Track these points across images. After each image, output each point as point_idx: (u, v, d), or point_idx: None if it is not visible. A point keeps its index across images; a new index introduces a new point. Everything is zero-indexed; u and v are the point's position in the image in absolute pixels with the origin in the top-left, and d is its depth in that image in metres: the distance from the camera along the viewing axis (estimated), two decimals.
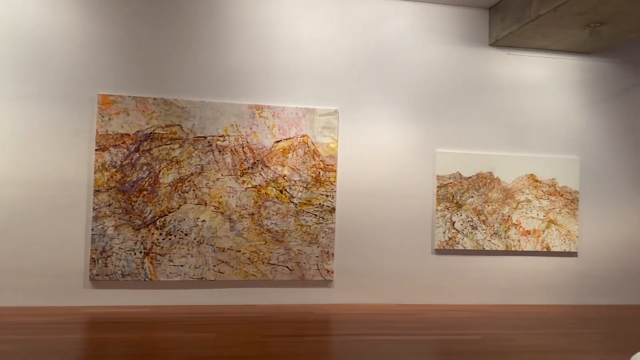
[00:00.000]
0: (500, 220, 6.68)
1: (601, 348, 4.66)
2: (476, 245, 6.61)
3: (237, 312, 5.63)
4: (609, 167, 7.11)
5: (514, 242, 6.69)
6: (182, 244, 5.89)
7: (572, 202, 6.87)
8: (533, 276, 6.78)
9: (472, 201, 6.64)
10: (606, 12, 5.66)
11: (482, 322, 5.57)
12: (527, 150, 6.87)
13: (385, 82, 6.56)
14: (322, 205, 6.21)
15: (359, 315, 5.71)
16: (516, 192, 6.75)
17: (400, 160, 6.56)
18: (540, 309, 6.47)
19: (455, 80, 6.74)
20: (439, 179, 6.58)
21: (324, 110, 6.29)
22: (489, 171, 6.70)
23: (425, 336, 4.90)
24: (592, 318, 6.05)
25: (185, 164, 5.94)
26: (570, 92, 7.05)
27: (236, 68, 6.20)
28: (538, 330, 5.28)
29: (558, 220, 6.82)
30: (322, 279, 6.20)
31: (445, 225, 6.55)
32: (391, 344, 4.57)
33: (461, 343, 4.66)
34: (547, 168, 6.84)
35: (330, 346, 4.59)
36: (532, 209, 6.77)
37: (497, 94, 6.84)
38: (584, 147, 7.04)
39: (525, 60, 6.93)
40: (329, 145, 6.26)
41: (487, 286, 6.66)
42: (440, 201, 6.56)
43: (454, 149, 6.68)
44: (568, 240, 6.84)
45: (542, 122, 6.94)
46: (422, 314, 5.91)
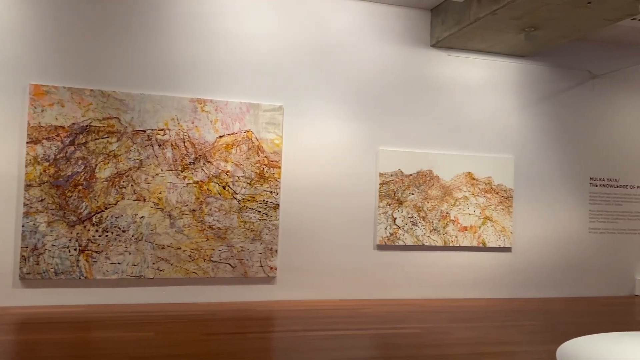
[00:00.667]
0: (439, 217, 6.87)
1: (532, 339, 4.88)
2: (416, 241, 6.77)
3: (177, 311, 5.52)
4: (542, 166, 7.45)
5: (452, 237, 6.90)
6: (120, 240, 5.71)
7: (506, 200, 7.15)
8: (470, 271, 7.01)
9: (412, 198, 6.79)
10: (540, 18, 5.92)
11: (421, 316, 5.71)
12: (465, 149, 7.09)
13: (329, 80, 6.59)
14: (266, 201, 6.18)
15: (302, 312, 5.72)
16: (454, 190, 6.96)
17: (344, 158, 6.61)
18: (476, 302, 6.71)
19: (398, 80, 6.87)
20: (381, 176, 6.69)
21: (268, 106, 6.25)
22: (429, 169, 6.87)
23: (365, 331, 4.98)
24: (524, 311, 6.32)
25: (123, 158, 5.75)
26: (506, 93, 7.33)
27: (178, 60, 6.06)
28: (473, 323, 5.47)
29: (493, 217, 7.09)
30: (265, 276, 6.17)
31: (386, 222, 6.67)
32: (332, 339, 4.61)
33: (400, 337, 4.76)
34: (483, 166, 7.09)
35: (271, 343, 4.58)
36: (469, 206, 7.00)
37: (437, 94, 7.02)
38: (519, 147, 7.35)
39: (465, 62, 7.14)
40: (273, 141, 6.23)
41: (426, 281, 6.83)
42: (383, 198, 6.67)
43: (396, 147, 6.80)
44: (503, 236, 7.12)
45: (479, 122, 7.18)
46: (364, 308, 5.99)
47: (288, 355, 4.13)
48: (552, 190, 7.49)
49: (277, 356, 4.21)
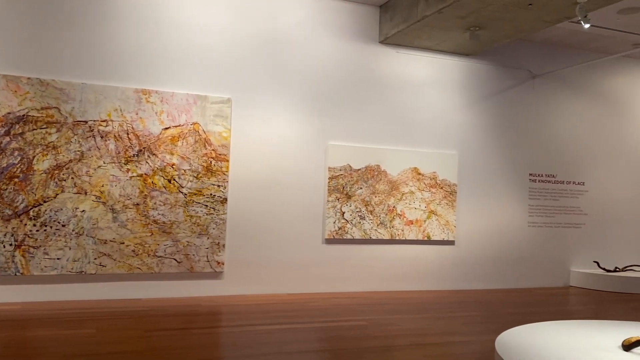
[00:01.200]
0: (386, 211, 6.98)
1: (474, 330, 5.04)
2: (364, 235, 6.85)
3: (120, 307, 5.37)
4: (484, 162, 7.69)
5: (398, 231, 7.03)
6: (59, 235, 5.49)
7: (450, 194, 7.35)
8: (415, 263, 7.17)
9: (361, 192, 6.86)
10: (485, 18, 6.09)
11: (368, 309, 5.79)
12: (411, 144, 7.23)
13: (279, 73, 6.56)
14: (214, 195, 6.09)
15: (249, 306, 5.68)
16: (401, 184, 7.08)
17: (293, 152, 6.60)
18: (421, 294, 6.86)
19: (347, 75, 6.91)
20: (330, 171, 6.73)
21: (216, 98, 6.15)
22: (377, 164, 6.97)
23: (313, 324, 5.00)
24: (466, 302, 6.52)
25: (63, 150, 5.53)
26: (451, 91, 7.51)
27: (122, 49, 5.87)
28: (417, 315, 5.59)
29: (438, 211, 7.27)
30: (212, 271, 6.09)
31: (335, 216, 6.71)
32: (279, 332, 4.61)
33: (347, 329, 4.81)
34: (429, 162, 7.25)
35: (217, 338, 4.52)
36: (415, 200, 7.14)
37: (386, 90, 7.12)
38: (463, 143, 7.55)
39: (412, 59, 7.27)
40: (221, 134, 6.15)
41: (373, 274, 6.93)
42: (331, 192, 6.71)
43: (345, 142, 6.85)
44: (447, 230, 7.31)
45: (425, 118, 7.33)
46: (312, 302, 6.01)
47: (234, 350, 4.09)
48: (494, 185, 7.75)
49: (223, 351, 4.16)
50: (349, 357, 3.96)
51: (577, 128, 8.38)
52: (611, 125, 8.65)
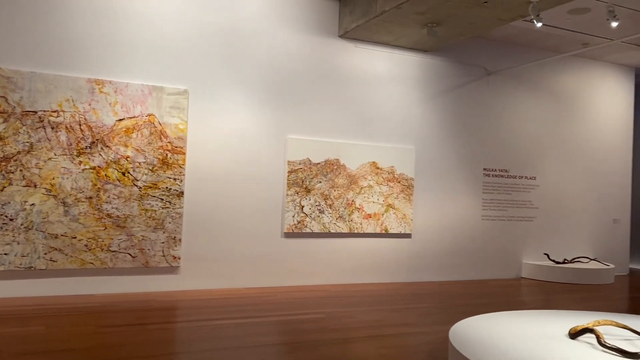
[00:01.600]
0: (345, 205, 7.02)
1: (428, 320, 5.14)
2: (323, 228, 6.87)
3: (72, 303, 5.21)
4: (440, 157, 7.84)
5: (356, 225, 7.08)
6: (7, 230, 5.28)
7: (408, 188, 7.45)
8: (373, 256, 7.25)
9: (320, 186, 6.87)
10: (442, 14, 6.19)
11: (326, 302, 5.82)
12: (370, 139, 7.29)
13: (238, 65, 6.48)
14: (170, 189, 5.98)
15: (206, 301, 5.62)
16: (360, 178, 7.14)
17: (252, 145, 6.55)
18: (379, 286, 6.95)
19: (306, 69, 6.90)
20: (290, 164, 6.71)
21: (172, 89, 6.03)
22: (336, 158, 6.99)
23: (271, 317, 4.99)
24: (422, 294, 6.64)
25: (10, 141, 5.31)
26: (409, 86, 7.61)
27: (74, 37, 5.67)
28: (375, 307, 5.66)
29: (395, 205, 7.36)
30: (168, 266, 5.99)
31: (294, 209, 6.71)
32: (237, 327, 4.58)
33: (305, 322, 4.82)
34: (387, 156, 7.33)
35: (173, 333, 4.45)
36: (374, 194, 7.21)
37: (344, 84, 7.14)
38: (420, 138, 7.67)
39: (371, 54, 7.32)
40: (177, 126, 6.03)
41: (332, 267, 6.97)
42: (291, 186, 6.70)
43: (304, 136, 6.84)
44: (404, 223, 7.42)
45: (384, 113, 7.40)
46: (270, 296, 6.00)
47: (190, 345, 4.04)
48: (449, 179, 7.90)
49: (178, 346, 4.10)
50: (305, 349, 3.97)
51: (529, 124, 8.63)
52: (561, 122, 8.96)
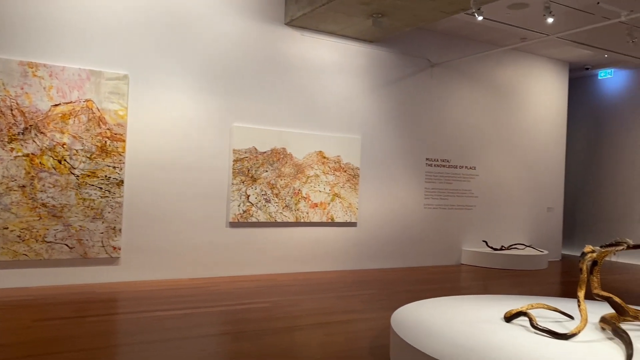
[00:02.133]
0: (291, 194, 7.01)
1: (372, 307, 5.23)
2: (269, 218, 6.85)
3: (4, 297, 4.96)
4: (385, 147, 7.95)
5: (303, 214, 7.10)
6: None
7: (353, 178, 7.53)
8: (319, 245, 7.29)
9: (266, 175, 6.83)
10: (387, 5, 6.25)
11: (272, 291, 5.81)
12: (317, 128, 7.30)
13: (182, 51, 6.32)
14: (109, 177, 5.78)
15: (148, 292, 5.49)
16: (306, 168, 7.14)
17: (196, 133, 6.42)
18: (325, 275, 7.00)
19: (252, 56, 6.81)
20: (235, 153, 6.63)
21: (112, 74, 5.81)
22: (283, 147, 6.97)
23: (215, 307, 4.93)
24: (367, 281, 6.75)
25: None
26: (355, 76, 7.66)
27: (5, 17, 5.35)
28: (321, 295, 5.70)
29: (342, 194, 7.43)
30: (107, 257, 5.80)
31: (240, 199, 6.64)
32: (179, 318, 4.50)
33: (250, 311, 4.80)
34: (333, 146, 7.37)
35: (113, 325, 4.32)
36: (320, 184, 7.24)
37: (291, 73, 7.10)
38: (365, 128, 7.75)
39: (317, 43, 7.31)
40: (117, 112, 5.83)
41: (278, 256, 6.96)
42: (236, 175, 6.62)
43: (250, 124, 6.77)
44: (349, 212, 7.50)
45: (330, 102, 7.43)
46: (215, 286, 5.93)
47: (130, 336, 3.94)
48: (394, 169, 8.04)
49: (119, 338, 3.99)
50: (250, 339, 3.96)
51: (470, 115, 8.89)
52: (500, 114, 9.27)
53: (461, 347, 3.06)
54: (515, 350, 3.03)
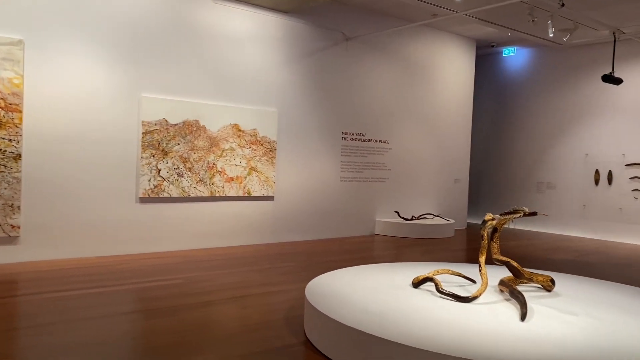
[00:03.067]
0: (205, 168, 6.85)
1: (289, 279, 5.28)
2: (182, 193, 6.66)
3: None
4: (302, 120, 7.95)
5: (218, 188, 6.97)
6: None
7: (270, 151, 7.48)
8: (236, 220, 7.22)
9: (178, 149, 6.62)
10: None
11: (185, 267, 5.70)
12: (232, 100, 7.14)
13: (85, 16, 5.89)
14: (4, 151, 5.34)
15: (51, 272, 5.19)
16: (221, 141, 6.99)
17: (101, 103, 6.06)
18: (242, 249, 6.96)
19: (163, 23, 6.50)
20: (145, 125, 6.35)
21: (5, 39, 5.33)
22: (196, 119, 6.76)
23: (126, 286, 4.76)
24: (284, 254, 6.79)
25: None
26: (270, 48, 7.54)
27: None
28: (237, 269, 5.67)
29: (258, 168, 7.36)
30: (5, 236, 5.41)
31: (150, 173, 6.40)
32: (86, 297, 4.30)
33: (162, 288, 4.68)
34: (249, 118, 7.25)
35: (12, 308, 4.05)
36: (236, 157, 7.13)
37: (204, 42, 6.86)
38: (282, 101, 7.69)
39: (231, 11, 7.10)
40: (11, 80, 5.37)
41: (192, 232, 6.82)
42: (146, 148, 6.36)
43: (160, 95, 6.49)
44: (267, 186, 7.46)
45: (245, 74, 7.28)
46: (125, 264, 5.72)
47: (33, 319, 3.71)
48: (311, 142, 8.08)
49: (20, 321, 3.75)
50: (163, 315, 3.87)
51: (384, 90, 9.07)
52: (412, 89, 9.54)
53: (371, 313, 3.16)
54: (421, 313, 3.18)
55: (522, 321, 3.06)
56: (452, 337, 2.75)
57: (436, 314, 3.19)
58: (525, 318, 3.09)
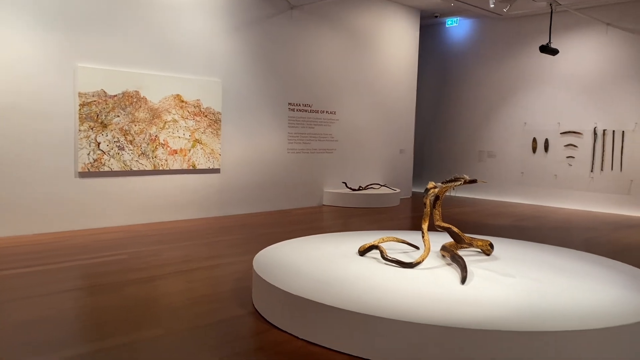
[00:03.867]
0: (147, 141, 6.66)
1: (237, 251, 5.26)
2: (124, 166, 6.46)
3: None
4: (247, 91, 7.82)
5: (161, 161, 6.81)
6: None
7: (215, 123, 7.34)
8: (181, 193, 7.09)
9: (118, 121, 6.39)
10: None
11: (129, 242, 5.57)
12: (173, 70, 6.92)
13: None
14: None
15: None
16: (163, 112, 6.80)
17: (33, 74, 5.74)
18: (188, 223, 6.87)
19: None
20: (82, 97, 6.07)
21: None
22: (136, 90, 6.52)
23: (68, 263, 4.61)
24: (232, 226, 6.75)
25: None
26: (213, 15, 7.32)
27: None
28: (183, 243, 5.60)
29: (203, 140, 7.22)
30: None
31: (89, 147, 6.16)
32: (28, 276, 4.14)
33: (106, 265, 4.56)
34: (192, 89, 7.07)
35: None
36: (179, 129, 6.96)
37: (143, 8, 6.58)
38: (226, 71, 7.52)
39: None
40: None
41: (136, 206, 6.65)
42: (83, 121, 6.10)
43: (97, 65, 6.21)
44: (212, 158, 7.34)
45: (188, 42, 7.05)
46: (66, 241, 5.53)
47: None
48: (257, 113, 7.98)
49: None
50: (108, 291, 3.79)
51: (330, 60, 9.03)
52: (357, 59, 9.54)
53: (318, 281, 3.21)
54: (367, 280, 3.26)
55: (462, 284, 3.19)
56: (395, 302, 2.84)
57: (381, 280, 3.27)
58: (466, 281, 3.22)
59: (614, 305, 2.89)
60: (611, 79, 9.29)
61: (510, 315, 2.69)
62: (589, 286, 3.26)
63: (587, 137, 9.57)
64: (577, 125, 9.69)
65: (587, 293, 3.10)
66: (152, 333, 3.03)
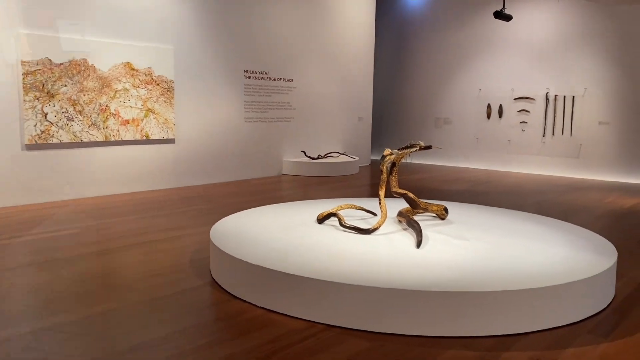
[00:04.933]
0: (98, 111, 6.42)
1: (194, 223, 5.19)
2: (74, 138, 6.23)
3: None
4: (202, 58, 7.61)
5: (113, 132, 6.59)
6: None
7: (168, 91, 7.13)
8: (134, 165, 6.90)
9: (66, 90, 6.12)
10: None
11: (81, 216, 5.41)
12: (123, 37, 6.64)
13: None
14: None
15: None
16: (113, 81, 6.55)
17: None
18: (143, 195, 6.71)
19: None
20: (25, 65, 5.77)
21: None
22: (83, 58, 6.24)
23: (17, 238, 4.45)
24: (189, 197, 6.64)
25: None
26: None
27: None
28: (138, 215, 5.48)
29: (156, 109, 7.02)
30: None
31: (36, 118, 5.89)
32: None
33: (57, 239, 4.42)
34: (143, 57, 6.82)
35: None
36: (130, 98, 6.73)
37: None
38: (179, 38, 7.28)
39: None
40: None
41: (87, 179, 6.44)
42: (28, 91, 5.81)
43: (40, 31, 5.89)
44: (166, 128, 7.16)
45: (138, 8, 6.77)
46: (15, 216, 5.32)
47: None
48: (211, 82, 7.79)
49: None
50: (62, 266, 3.68)
51: (286, 27, 8.86)
52: (314, 26, 9.40)
53: (276, 250, 3.20)
54: (325, 247, 3.27)
55: (418, 248, 3.25)
56: (352, 267, 2.86)
57: (339, 246, 3.29)
58: (421, 245, 3.28)
59: (562, 264, 3.00)
60: (563, 45, 9.49)
61: (463, 276, 2.76)
62: (539, 247, 3.37)
63: (540, 102, 9.80)
64: (530, 91, 9.91)
65: (537, 253, 3.21)
66: (106, 306, 2.97)
